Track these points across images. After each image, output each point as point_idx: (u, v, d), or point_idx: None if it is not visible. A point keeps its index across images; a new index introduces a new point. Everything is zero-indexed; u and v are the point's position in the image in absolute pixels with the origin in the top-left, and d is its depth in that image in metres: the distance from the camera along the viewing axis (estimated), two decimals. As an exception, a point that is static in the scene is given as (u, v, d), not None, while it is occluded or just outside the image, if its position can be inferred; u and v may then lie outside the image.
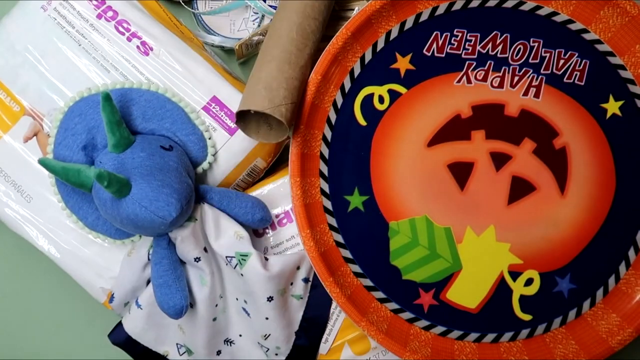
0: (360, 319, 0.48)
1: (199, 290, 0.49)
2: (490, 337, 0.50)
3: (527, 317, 0.50)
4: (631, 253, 0.51)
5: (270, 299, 0.48)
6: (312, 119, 0.50)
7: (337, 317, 0.52)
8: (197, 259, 0.48)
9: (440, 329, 0.50)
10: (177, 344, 0.52)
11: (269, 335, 0.50)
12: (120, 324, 0.52)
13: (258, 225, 0.50)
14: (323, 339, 0.52)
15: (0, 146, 0.51)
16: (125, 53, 0.51)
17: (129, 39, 0.51)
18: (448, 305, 0.50)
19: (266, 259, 0.49)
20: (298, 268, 0.51)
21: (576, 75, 0.51)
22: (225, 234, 0.48)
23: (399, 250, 0.50)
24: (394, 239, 0.50)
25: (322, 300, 0.51)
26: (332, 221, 0.50)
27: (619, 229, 0.50)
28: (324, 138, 0.50)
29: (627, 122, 0.51)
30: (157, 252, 0.48)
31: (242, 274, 0.48)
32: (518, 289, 0.50)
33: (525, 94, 0.51)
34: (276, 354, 0.51)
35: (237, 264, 0.48)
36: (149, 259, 0.49)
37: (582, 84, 0.51)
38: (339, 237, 0.50)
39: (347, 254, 0.50)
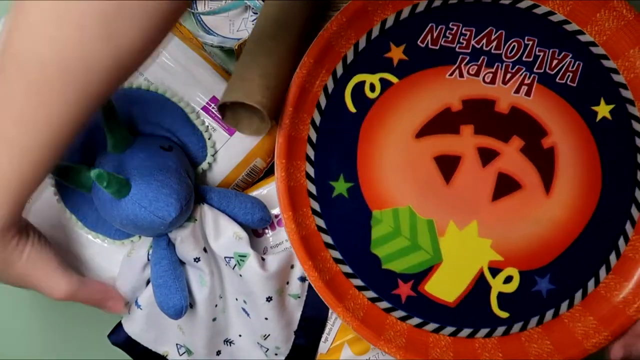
0: (337, 304, 0.48)
1: (198, 291, 0.49)
2: (466, 332, 0.50)
3: (504, 315, 0.50)
4: (612, 258, 0.50)
5: (269, 299, 0.48)
6: (301, 102, 0.50)
7: (337, 316, 0.52)
8: (197, 259, 0.47)
9: (416, 320, 0.50)
10: (177, 344, 0.52)
11: (269, 335, 0.50)
12: (120, 324, 0.52)
13: (258, 225, 0.50)
14: (323, 338, 0.52)
15: None
16: None
17: None
18: (426, 298, 0.50)
19: (263, 259, 0.49)
20: (292, 267, 0.51)
21: (569, 76, 0.51)
22: (225, 234, 0.48)
23: (380, 240, 0.50)
24: (376, 227, 0.50)
25: (320, 300, 0.51)
26: (316, 206, 0.50)
27: (601, 233, 0.50)
28: (313, 122, 0.50)
29: (617, 126, 0.51)
30: (156, 252, 0.47)
31: (240, 275, 0.48)
32: (497, 285, 0.50)
33: (517, 91, 0.51)
34: (276, 354, 0.51)
35: (235, 265, 0.48)
36: (148, 260, 0.49)
37: (574, 85, 0.51)
38: (321, 222, 0.50)
39: (328, 239, 0.50)
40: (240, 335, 0.51)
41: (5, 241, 0.41)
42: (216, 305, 0.50)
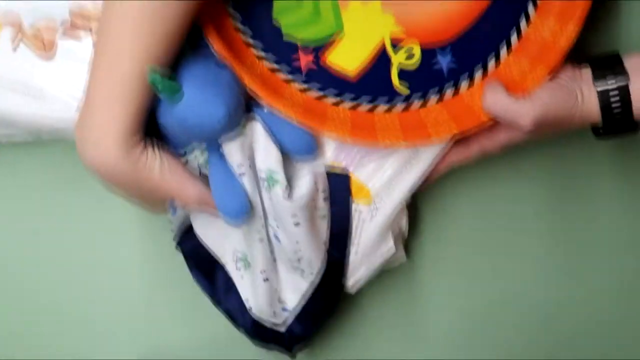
0: (237, 63, 0.47)
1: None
2: (365, 105, 0.50)
3: (404, 89, 0.50)
4: (513, 37, 0.51)
5: (297, 224, 0.49)
6: None
7: (361, 230, 0.52)
8: (242, 175, 0.48)
9: (315, 93, 0.50)
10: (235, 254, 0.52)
11: (302, 257, 0.51)
12: (187, 233, 0.52)
13: (303, 153, 0.50)
14: (353, 251, 0.53)
15: None
16: None
17: None
18: (326, 71, 0.50)
19: (289, 188, 0.49)
20: (317, 190, 0.50)
21: None
22: (270, 155, 0.48)
23: (282, 8, 0.49)
24: (278, -4, 0.49)
25: (342, 215, 0.52)
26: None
27: (503, 12, 0.50)
28: None
29: None
30: (213, 158, 0.48)
31: (270, 198, 0.48)
32: (398, 59, 0.50)
33: None
34: (311, 273, 0.52)
35: (266, 186, 0.48)
36: (200, 172, 0.49)
37: None
38: (222, -11, 0.49)
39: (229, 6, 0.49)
40: (274, 260, 0.52)
41: (134, 153, 0.43)
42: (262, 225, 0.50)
